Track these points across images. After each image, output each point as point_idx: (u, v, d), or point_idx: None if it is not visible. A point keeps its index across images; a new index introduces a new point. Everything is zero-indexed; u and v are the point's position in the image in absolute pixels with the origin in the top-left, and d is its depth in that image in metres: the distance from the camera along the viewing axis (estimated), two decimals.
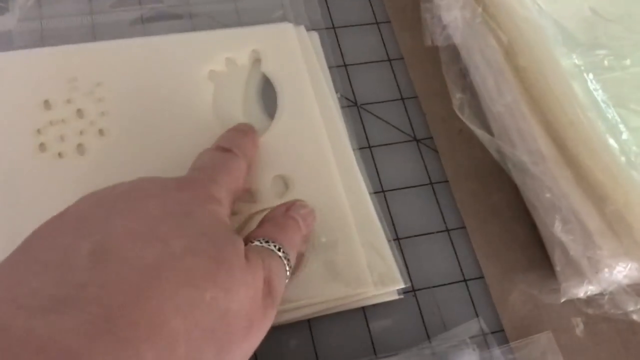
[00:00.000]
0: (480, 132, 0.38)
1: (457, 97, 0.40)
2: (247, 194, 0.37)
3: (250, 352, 0.27)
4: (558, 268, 0.35)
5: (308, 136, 0.40)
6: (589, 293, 0.36)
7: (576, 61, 0.38)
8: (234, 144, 0.35)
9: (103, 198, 0.28)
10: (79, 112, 0.38)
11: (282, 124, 0.40)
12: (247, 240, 0.31)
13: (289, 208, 0.34)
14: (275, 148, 0.39)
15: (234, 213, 0.35)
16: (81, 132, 0.38)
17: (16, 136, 0.37)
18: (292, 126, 0.40)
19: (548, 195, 0.35)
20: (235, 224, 0.36)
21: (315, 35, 0.44)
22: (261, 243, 0.30)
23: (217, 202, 0.30)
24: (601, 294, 0.35)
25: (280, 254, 0.30)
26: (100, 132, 0.38)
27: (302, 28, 0.43)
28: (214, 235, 0.27)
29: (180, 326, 0.23)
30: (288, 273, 0.31)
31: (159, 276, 0.24)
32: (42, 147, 0.37)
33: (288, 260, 0.31)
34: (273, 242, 0.30)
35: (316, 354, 0.35)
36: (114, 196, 0.28)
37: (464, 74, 0.41)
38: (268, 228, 0.32)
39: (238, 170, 0.33)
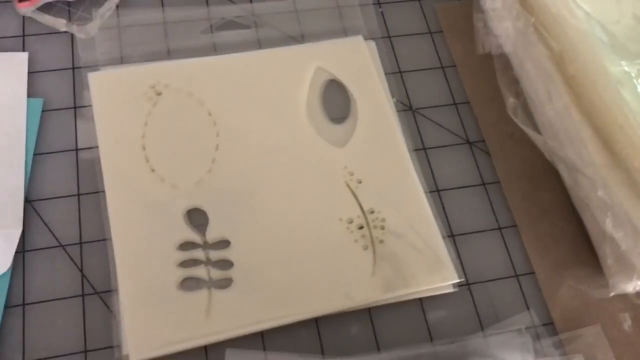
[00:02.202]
0: (533, 134, 0.40)
1: (510, 101, 0.42)
2: None
3: None
4: (609, 262, 0.37)
5: (385, 138, 0.43)
6: (637, 288, 0.37)
7: (626, 68, 0.39)
8: None
9: None
10: None
11: (362, 128, 0.43)
12: None
13: None
14: (356, 152, 0.42)
15: None
16: None
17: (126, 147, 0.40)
18: (370, 130, 0.43)
19: (599, 193, 0.37)
20: None
21: (372, 44, 0.47)
22: None
23: None
24: None
25: None
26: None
27: (360, 38, 0.46)
28: None
29: None
30: None
31: None
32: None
33: None
34: None
35: (376, 340, 0.37)
36: None
37: (515, 80, 0.43)
38: None
39: None
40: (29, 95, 0.42)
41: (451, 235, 0.41)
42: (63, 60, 0.44)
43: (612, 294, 0.38)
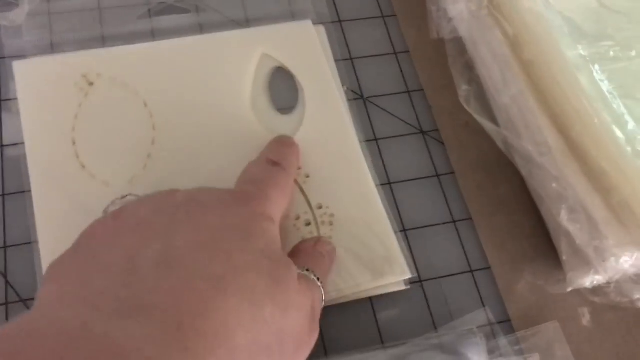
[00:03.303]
0: (486, 123, 0.38)
1: (463, 89, 0.40)
2: None
3: None
4: (564, 257, 0.35)
5: (334, 129, 0.40)
6: (595, 283, 0.36)
7: (582, 52, 0.38)
8: (282, 158, 0.35)
9: (162, 206, 0.29)
10: None
11: (310, 119, 0.41)
12: None
13: (317, 243, 0.35)
14: (305, 143, 0.39)
15: None
16: None
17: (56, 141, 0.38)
18: (319, 121, 0.41)
19: (554, 185, 0.35)
20: None
21: (321, 28, 0.44)
22: (302, 271, 0.31)
23: (271, 220, 0.30)
24: (607, 284, 0.35)
25: (319, 283, 0.31)
26: None
27: (309, 22, 0.44)
28: (272, 254, 0.28)
29: (242, 341, 0.24)
30: (323, 303, 0.32)
31: (225, 289, 0.24)
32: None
33: (323, 289, 0.31)
34: (312, 271, 0.31)
35: (324, 343, 0.35)
36: (173, 206, 0.28)
37: (470, 67, 0.42)
38: (304, 259, 0.33)
39: (287, 187, 0.34)
40: None
41: (403, 230, 0.39)
42: None
43: (569, 289, 0.37)
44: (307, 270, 0.31)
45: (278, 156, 0.35)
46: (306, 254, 0.34)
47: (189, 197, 0.29)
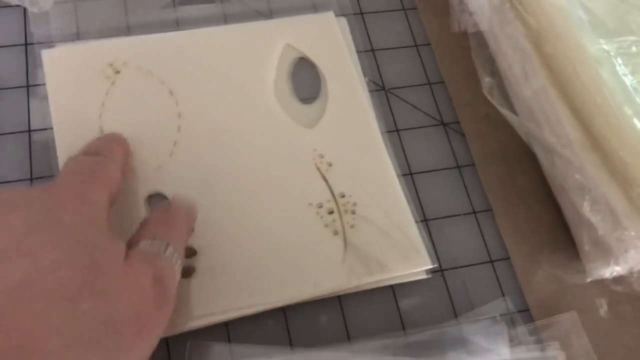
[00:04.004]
0: (509, 114, 0.39)
1: (486, 80, 0.41)
2: None
3: (148, 352, 0.27)
4: (586, 247, 0.36)
5: (357, 119, 0.41)
6: (614, 274, 0.36)
7: (605, 47, 0.38)
8: (102, 149, 0.33)
9: None
10: None
11: (332, 109, 0.41)
12: (133, 242, 0.29)
13: (172, 202, 0.33)
14: (326, 133, 0.40)
15: None
16: None
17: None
18: (342, 110, 0.41)
19: (577, 176, 0.35)
20: None
21: (343, 20, 0.45)
22: (148, 242, 0.29)
23: (91, 204, 0.28)
24: (629, 274, 0.36)
25: (168, 250, 0.29)
26: None
27: (331, 14, 0.44)
28: (88, 242, 0.26)
29: (58, 344, 0.22)
30: (178, 269, 0.30)
31: (26, 296, 0.23)
32: None
33: (177, 255, 0.30)
34: (160, 239, 0.29)
35: (347, 329, 0.36)
36: None
37: (492, 59, 0.42)
38: (152, 225, 0.31)
39: (109, 172, 0.32)
40: None
41: (424, 220, 0.40)
42: (15, 36, 0.41)
43: (588, 280, 0.37)
44: (151, 240, 0.29)
45: (96, 149, 0.33)
46: (154, 222, 0.31)
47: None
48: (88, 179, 0.30)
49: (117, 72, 0.39)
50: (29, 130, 0.38)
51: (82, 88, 0.39)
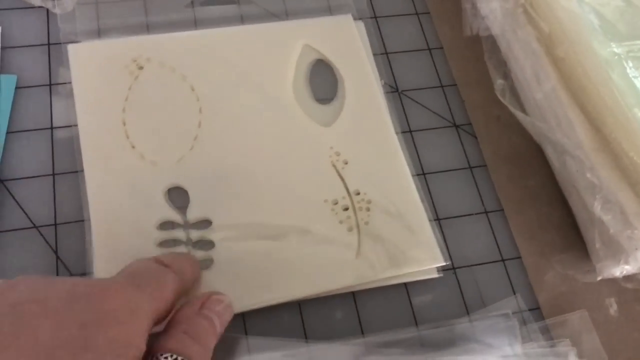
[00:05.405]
0: (521, 115, 0.40)
1: (498, 82, 0.42)
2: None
3: None
4: (597, 246, 0.37)
5: (373, 120, 0.42)
6: (624, 273, 0.37)
7: (615, 50, 0.39)
8: (174, 262, 0.31)
9: None
10: None
11: (349, 109, 0.42)
12: (155, 351, 0.27)
13: (204, 305, 0.31)
14: (343, 132, 0.41)
15: None
16: None
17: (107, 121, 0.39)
18: (358, 111, 0.42)
19: (588, 175, 0.36)
20: None
21: (361, 24, 0.46)
22: (167, 356, 0.27)
23: (131, 314, 0.26)
24: (638, 272, 0.36)
25: None
26: None
27: (349, 17, 0.45)
28: None
29: None
30: None
31: None
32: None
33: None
34: (181, 355, 0.27)
35: (360, 324, 0.36)
36: (4, 309, 0.24)
37: (504, 62, 0.43)
38: (178, 338, 0.28)
39: (171, 286, 0.29)
40: (2, 72, 0.40)
41: (437, 219, 0.40)
42: (38, 36, 0.42)
43: (599, 279, 0.38)
44: (170, 355, 0.26)
45: (170, 260, 0.31)
46: (182, 330, 0.28)
47: (29, 295, 0.25)
48: (146, 286, 0.28)
49: (141, 67, 0.40)
50: (52, 128, 0.39)
51: (106, 82, 0.40)
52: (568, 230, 0.41)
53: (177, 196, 0.37)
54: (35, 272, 0.35)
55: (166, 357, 0.26)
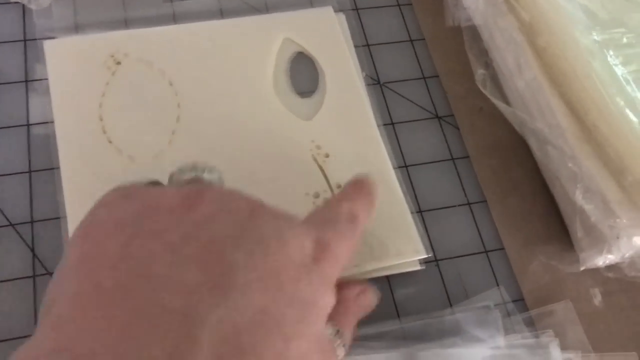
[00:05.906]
0: (503, 106, 0.39)
1: (479, 72, 0.41)
2: None
3: None
4: (579, 235, 0.36)
5: (354, 113, 0.41)
6: (607, 262, 0.37)
7: (596, 38, 0.39)
8: (364, 215, 0.30)
9: (222, 216, 0.26)
10: None
11: (330, 102, 0.42)
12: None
13: (364, 293, 0.31)
14: (323, 125, 0.41)
15: None
16: None
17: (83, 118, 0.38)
18: (340, 104, 0.42)
19: (570, 164, 0.36)
20: None
21: (342, 16, 0.45)
22: (331, 332, 0.27)
23: (332, 294, 0.27)
24: (621, 261, 0.36)
25: (342, 353, 0.28)
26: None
27: (330, 9, 0.45)
28: (325, 343, 0.26)
29: None
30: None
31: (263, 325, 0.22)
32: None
33: (340, 341, 0.28)
34: (340, 336, 0.27)
35: None
36: (232, 236, 0.24)
37: (486, 52, 0.43)
38: (343, 314, 0.29)
39: (355, 246, 0.29)
40: None
41: (419, 211, 0.40)
42: (14, 32, 0.42)
43: (582, 268, 0.38)
44: (337, 332, 0.27)
45: (362, 210, 0.30)
46: (346, 307, 0.29)
47: (254, 210, 0.26)
48: (343, 258, 0.28)
49: (118, 63, 0.40)
50: (28, 124, 0.39)
51: (83, 78, 0.39)
52: (552, 221, 0.40)
53: None
54: (11, 271, 0.35)
55: (330, 329, 0.27)
